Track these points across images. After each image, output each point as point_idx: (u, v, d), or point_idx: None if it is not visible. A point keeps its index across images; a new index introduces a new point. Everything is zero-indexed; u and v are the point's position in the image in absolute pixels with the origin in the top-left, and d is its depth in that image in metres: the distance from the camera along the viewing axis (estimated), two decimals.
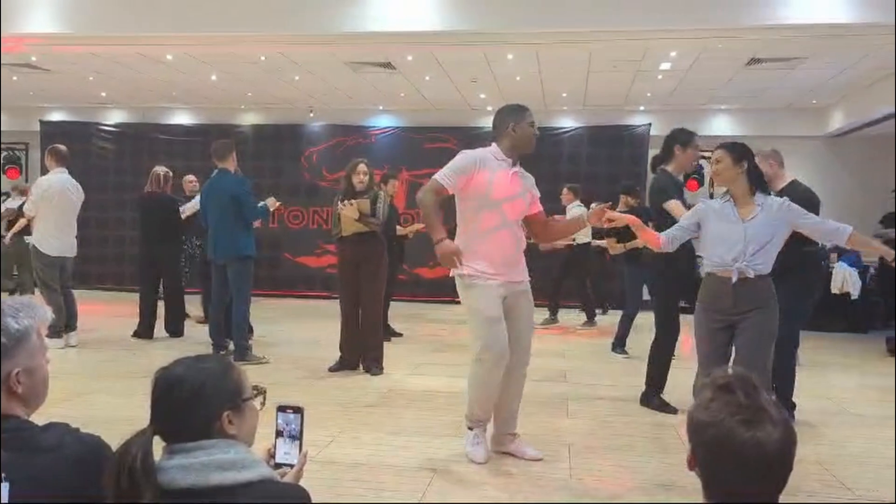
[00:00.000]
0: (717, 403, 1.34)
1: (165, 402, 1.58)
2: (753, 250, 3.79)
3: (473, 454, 4.00)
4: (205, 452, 1.52)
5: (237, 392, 1.63)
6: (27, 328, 1.62)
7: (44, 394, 1.68)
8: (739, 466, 1.30)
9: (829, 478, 3.93)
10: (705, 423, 1.33)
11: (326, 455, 4.07)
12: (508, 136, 3.96)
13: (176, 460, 1.52)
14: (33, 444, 1.55)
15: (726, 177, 3.91)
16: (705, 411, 1.34)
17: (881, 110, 9.74)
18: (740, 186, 3.88)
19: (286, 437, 1.83)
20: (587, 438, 4.59)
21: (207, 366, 1.64)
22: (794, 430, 1.35)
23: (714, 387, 1.37)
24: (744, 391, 1.33)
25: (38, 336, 1.65)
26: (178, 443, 1.55)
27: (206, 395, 1.58)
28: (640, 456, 4.26)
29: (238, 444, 1.58)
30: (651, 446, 4.47)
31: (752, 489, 1.31)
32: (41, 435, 1.58)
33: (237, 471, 1.52)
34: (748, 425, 1.29)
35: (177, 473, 1.50)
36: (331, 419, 4.77)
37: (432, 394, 5.61)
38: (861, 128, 10.82)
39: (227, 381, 1.63)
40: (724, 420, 1.31)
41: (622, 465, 4.10)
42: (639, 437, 4.65)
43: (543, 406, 5.30)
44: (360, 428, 4.66)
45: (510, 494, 3.62)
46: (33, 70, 10.08)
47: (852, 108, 10.60)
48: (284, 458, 1.82)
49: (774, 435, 1.29)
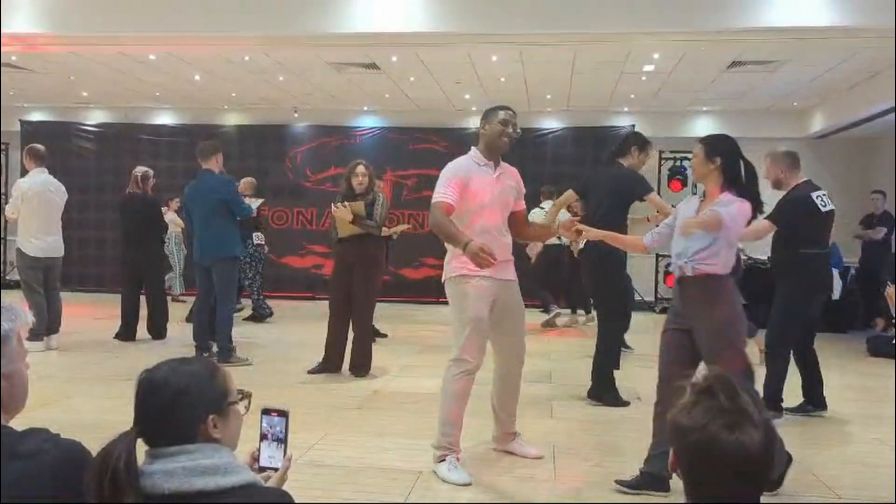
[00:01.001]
0: (699, 408, 1.34)
1: (149, 404, 1.56)
2: (697, 248, 3.52)
3: (456, 479, 3.73)
4: (188, 457, 1.51)
5: (222, 396, 1.62)
6: (7, 332, 1.59)
7: (23, 399, 1.65)
8: (723, 469, 1.30)
9: (811, 478, 3.95)
10: (688, 427, 1.33)
11: (311, 457, 4.05)
12: (482, 136, 4.00)
13: (158, 464, 1.51)
14: (11, 451, 1.52)
15: (698, 171, 3.69)
16: (687, 416, 1.34)
17: (861, 112, 9.86)
18: (710, 182, 3.62)
19: (270, 441, 1.81)
20: (571, 439, 4.60)
21: (192, 368, 1.62)
22: (775, 430, 1.35)
23: (695, 391, 1.37)
24: (725, 394, 1.34)
25: (19, 340, 1.63)
26: (162, 446, 1.53)
27: (190, 399, 1.56)
28: (624, 456, 4.27)
29: (222, 448, 1.57)
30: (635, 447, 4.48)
31: (735, 491, 1.31)
32: (20, 441, 1.55)
33: (221, 475, 1.50)
34: (731, 429, 1.30)
35: (159, 478, 1.49)
36: (316, 422, 4.75)
37: (418, 395, 5.60)
38: (841, 130, 10.93)
39: (213, 385, 1.61)
40: (707, 425, 1.31)
41: (606, 465, 4.11)
42: (623, 438, 4.67)
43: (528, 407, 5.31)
44: (345, 430, 4.65)
45: (496, 495, 3.62)
46: (13, 69, 9.98)
47: (833, 110, 10.72)
48: (269, 462, 1.80)
49: (756, 437, 1.30)
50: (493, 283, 3.86)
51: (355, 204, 6.18)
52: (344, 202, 6.20)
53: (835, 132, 11.17)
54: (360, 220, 6.19)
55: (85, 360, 6.75)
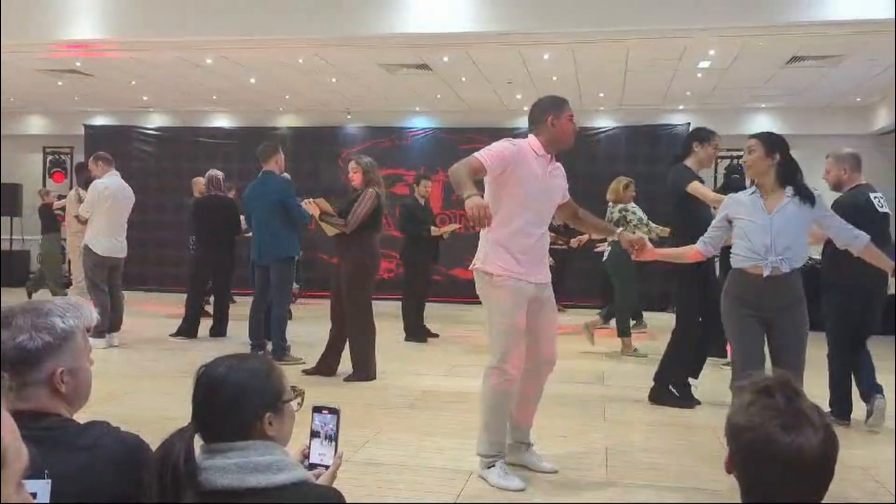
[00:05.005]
0: (755, 407, 1.31)
1: (208, 401, 1.59)
2: (784, 243, 3.65)
3: (509, 485, 3.63)
4: (241, 454, 1.54)
5: (278, 394, 1.64)
6: (73, 328, 1.64)
7: (86, 394, 1.71)
8: (778, 471, 1.27)
9: (871, 484, 3.84)
10: (744, 427, 1.31)
11: (362, 456, 4.09)
12: (547, 129, 3.73)
13: (213, 460, 1.53)
14: (73, 443, 1.57)
15: (757, 168, 3.79)
16: (744, 415, 1.32)
17: None
18: (769, 178, 3.76)
19: (322, 438, 1.83)
20: (624, 441, 4.54)
21: (250, 366, 1.64)
22: (835, 435, 1.32)
23: (753, 390, 1.35)
24: (784, 395, 1.31)
25: (83, 337, 1.68)
26: (218, 442, 1.56)
27: (248, 397, 1.59)
28: (677, 458, 4.20)
29: (275, 445, 1.59)
30: (689, 449, 4.41)
31: (791, 494, 1.28)
32: (81, 433, 1.61)
33: (273, 473, 1.52)
34: (788, 430, 1.27)
35: (213, 474, 1.51)
36: (367, 420, 4.79)
37: (467, 395, 5.59)
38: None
39: (269, 383, 1.63)
40: (764, 424, 1.28)
41: (659, 468, 4.05)
42: (676, 441, 4.60)
43: (580, 408, 5.27)
44: (396, 429, 4.67)
45: (548, 496, 3.60)
46: (77, 75, 10.31)
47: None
48: (319, 459, 1.82)
49: (815, 440, 1.27)
50: (528, 286, 3.68)
51: (321, 200, 6.07)
52: (312, 199, 6.11)
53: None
54: (328, 217, 6.03)
55: (145, 356, 6.94)
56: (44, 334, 1.59)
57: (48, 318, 1.61)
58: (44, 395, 1.60)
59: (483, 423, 3.75)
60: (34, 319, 1.60)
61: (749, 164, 3.84)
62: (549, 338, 3.84)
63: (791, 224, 3.68)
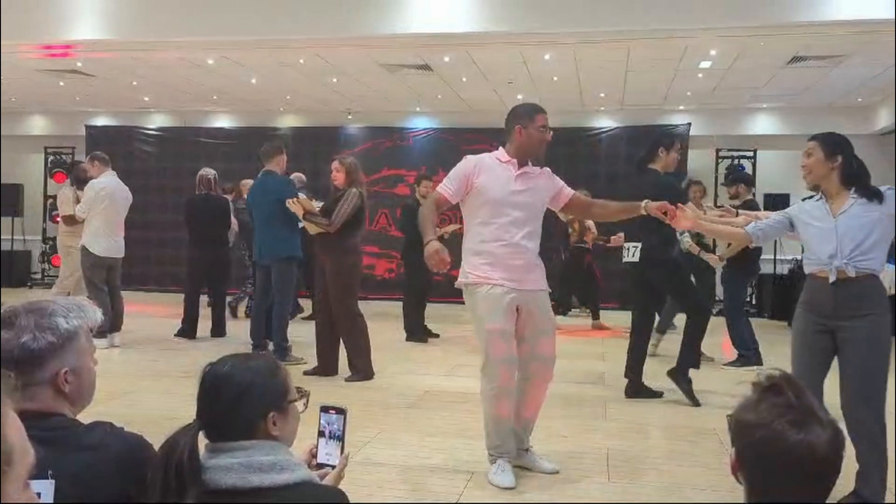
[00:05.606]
0: (765, 404, 1.30)
1: (212, 399, 1.59)
2: (852, 245, 3.32)
3: (499, 482, 3.66)
4: (245, 453, 1.54)
5: (283, 394, 1.64)
6: (76, 328, 1.64)
7: (90, 394, 1.71)
8: (788, 469, 1.27)
9: None
10: (753, 424, 1.30)
11: (364, 456, 4.09)
12: (514, 138, 3.73)
13: (217, 459, 1.54)
14: (76, 443, 1.58)
15: (818, 173, 3.44)
16: (753, 412, 1.31)
17: None
18: (833, 183, 3.42)
19: (328, 438, 1.83)
20: (625, 442, 4.55)
21: (255, 365, 1.64)
22: (842, 434, 1.32)
23: (761, 387, 1.34)
24: (793, 392, 1.30)
25: (87, 337, 1.68)
26: (222, 441, 1.56)
27: (253, 396, 1.59)
28: (678, 459, 4.21)
29: (279, 445, 1.59)
30: (690, 450, 4.41)
31: (799, 493, 1.28)
32: (85, 433, 1.61)
33: (277, 472, 1.53)
34: (798, 427, 1.26)
35: (217, 473, 1.51)
36: (368, 420, 4.79)
37: (468, 395, 5.59)
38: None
39: (274, 382, 1.64)
40: (774, 422, 1.28)
41: (660, 468, 4.05)
42: (678, 441, 4.60)
43: (581, 408, 5.27)
44: (397, 429, 4.68)
45: (549, 496, 3.60)
46: (79, 75, 10.31)
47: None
48: (326, 459, 1.83)
49: (824, 437, 1.27)
50: (508, 293, 3.64)
51: (304, 199, 6.12)
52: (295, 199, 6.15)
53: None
54: (311, 216, 6.12)
55: (146, 356, 6.94)
56: (47, 334, 1.59)
57: (52, 319, 1.61)
58: (48, 396, 1.61)
59: (484, 419, 3.84)
60: (38, 319, 1.60)
61: (808, 168, 3.48)
62: (542, 346, 3.80)
63: (858, 225, 3.36)
